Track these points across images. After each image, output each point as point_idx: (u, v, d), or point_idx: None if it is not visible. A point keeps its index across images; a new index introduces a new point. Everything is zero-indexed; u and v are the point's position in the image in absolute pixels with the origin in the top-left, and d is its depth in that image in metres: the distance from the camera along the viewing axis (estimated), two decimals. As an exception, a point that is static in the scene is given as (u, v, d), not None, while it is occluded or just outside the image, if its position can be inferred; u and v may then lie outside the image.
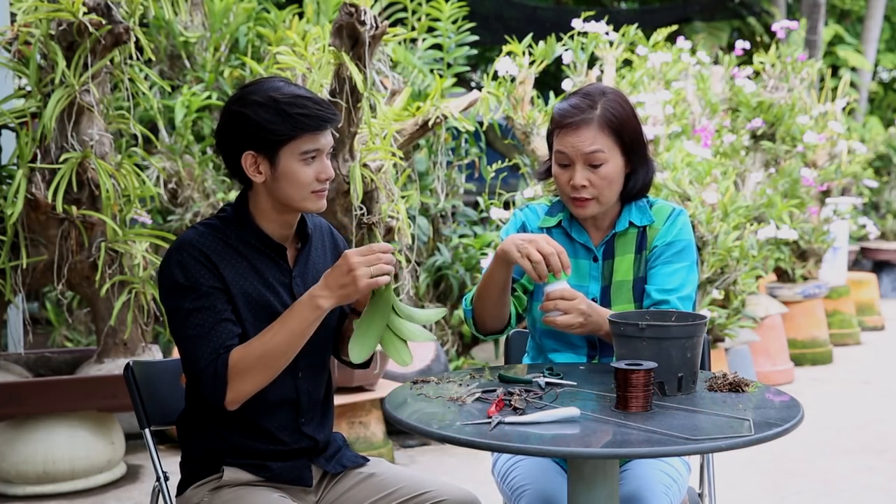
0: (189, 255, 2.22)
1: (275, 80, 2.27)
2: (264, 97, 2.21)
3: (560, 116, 2.51)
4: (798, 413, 2.09)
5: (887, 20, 14.70)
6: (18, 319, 5.05)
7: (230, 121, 2.25)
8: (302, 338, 2.20)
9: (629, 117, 2.52)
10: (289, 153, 2.22)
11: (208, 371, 2.17)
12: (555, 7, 12.55)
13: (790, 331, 7.25)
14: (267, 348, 2.17)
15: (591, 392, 2.24)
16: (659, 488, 2.38)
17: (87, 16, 4.07)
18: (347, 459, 2.43)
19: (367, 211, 4.49)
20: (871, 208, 11.34)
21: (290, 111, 2.19)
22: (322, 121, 2.22)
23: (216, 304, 2.21)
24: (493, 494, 2.61)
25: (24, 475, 4.29)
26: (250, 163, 2.24)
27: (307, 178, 2.23)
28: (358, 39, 4.18)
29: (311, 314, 2.18)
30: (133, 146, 4.75)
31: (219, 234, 2.28)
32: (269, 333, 2.19)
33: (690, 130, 6.25)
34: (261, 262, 2.29)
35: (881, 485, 4.67)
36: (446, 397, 2.22)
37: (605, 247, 2.58)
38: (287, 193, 2.25)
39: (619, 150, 2.51)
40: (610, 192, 2.52)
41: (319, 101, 2.24)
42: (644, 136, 2.57)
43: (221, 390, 2.17)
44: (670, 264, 2.55)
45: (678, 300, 2.51)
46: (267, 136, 2.20)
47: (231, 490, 2.27)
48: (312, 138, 2.22)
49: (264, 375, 2.19)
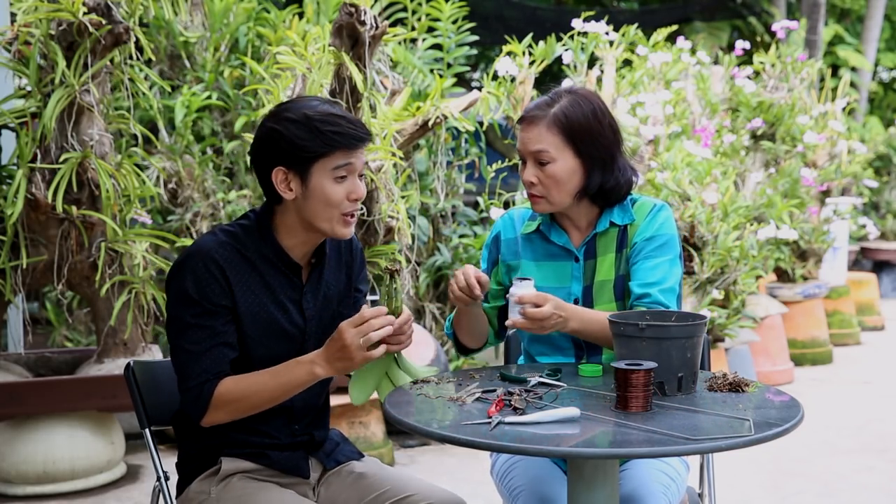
0: (205, 266, 2.22)
1: (310, 99, 2.28)
2: (297, 114, 2.22)
3: (524, 110, 2.54)
4: (798, 413, 2.10)
5: (887, 20, 14.70)
6: (18, 319, 5.04)
7: (263, 137, 2.26)
8: (288, 394, 2.23)
9: (587, 119, 2.47)
10: (321, 170, 2.22)
11: (193, 391, 2.21)
12: (555, 7, 12.56)
13: (790, 331, 7.25)
14: (253, 391, 2.21)
15: (591, 391, 2.24)
16: (657, 488, 2.38)
17: (87, 16, 4.07)
18: (342, 454, 2.44)
19: (368, 211, 4.49)
20: (871, 208, 11.34)
21: (322, 128, 2.20)
22: (354, 139, 2.22)
23: (217, 325, 2.22)
24: (493, 495, 2.61)
25: (24, 475, 4.29)
26: (281, 179, 2.24)
27: (338, 196, 2.23)
28: (358, 39, 4.18)
29: (305, 377, 2.20)
30: (133, 146, 4.75)
31: (238, 243, 2.27)
32: (261, 379, 2.21)
33: (690, 130, 6.25)
34: (274, 277, 2.29)
35: (881, 485, 4.67)
36: (446, 397, 2.22)
37: (587, 247, 2.57)
38: (316, 212, 2.24)
39: (570, 151, 2.48)
40: (558, 192, 2.49)
41: (353, 120, 2.24)
42: (608, 140, 2.51)
43: (200, 412, 2.22)
44: (651, 258, 2.52)
45: (660, 293, 2.49)
46: (299, 153, 2.21)
47: (239, 482, 2.29)
48: (345, 156, 2.22)
49: (242, 414, 2.24)
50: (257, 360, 2.27)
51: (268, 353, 2.28)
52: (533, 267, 2.59)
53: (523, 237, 2.63)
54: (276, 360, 2.26)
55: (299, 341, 2.32)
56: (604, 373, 2.41)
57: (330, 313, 2.38)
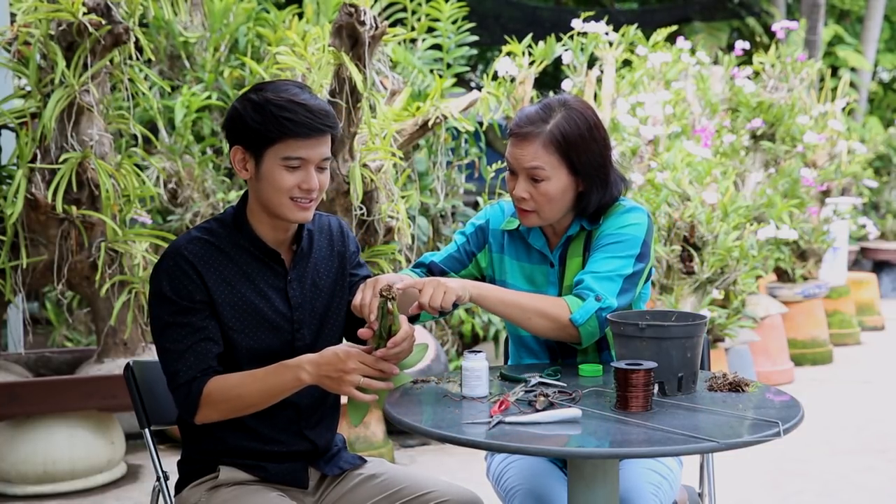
0: (176, 264, 2.22)
1: (286, 84, 2.24)
2: (261, 97, 2.20)
3: (514, 122, 2.47)
4: (798, 413, 2.10)
5: (887, 20, 14.69)
6: (18, 319, 5.04)
7: (229, 114, 2.26)
8: (273, 398, 2.21)
9: (582, 136, 2.42)
10: (272, 155, 2.20)
11: (182, 390, 2.21)
12: (555, 7, 12.55)
13: (790, 331, 7.25)
14: (240, 393, 2.20)
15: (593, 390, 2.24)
16: (647, 489, 2.37)
17: (87, 16, 4.07)
18: (345, 461, 2.42)
19: (367, 211, 4.49)
20: (871, 208, 11.34)
21: (277, 114, 2.17)
22: (308, 129, 2.18)
23: (195, 322, 2.21)
24: (494, 495, 2.61)
25: (24, 475, 4.29)
26: (239, 158, 2.25)
27: (286, 184, 2.20)
28: (358, 39, 4.18)
29: (291, 382, 2.18)
30: (133, 146, 4.75)
31: (213, 238, 2.27)
32: (248, 380, 2.20)
33: (690, 130, 6.25)
34: (253, 267, 2.28)
35: (881, 485, 4.67)
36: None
37: (561, 251, 2.54)
38: (266, 196, 2.23)
39: (565, 169, 2.42)
40: (550, 209, 2.45)
41: (313, 110, 2.19)
42: (603, 155, 2.46)
43: (191, 411, 2.22)
44: (604, 252, 2.46)
45: (594, 279, 2.41)
46: (253, 135, 2.20)
47: (228, 490, 2.28)
48: (297, 145, 2.19)
49: (232, 413, 2.23)
50: (245, 352, 2.25)
51: (255, 343, 2.26)
52: (515, 266, 2.57)
53: (506, 233, 2.60)
54: (266, 351, 2.25)
55: (288, 331, 2.30)
56: (604, 373, 2.41)
57: (323, 302, 2.35)
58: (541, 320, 2.40)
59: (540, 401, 2.11)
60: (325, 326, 2.36)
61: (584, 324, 2.39)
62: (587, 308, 2.38)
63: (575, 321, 2.38)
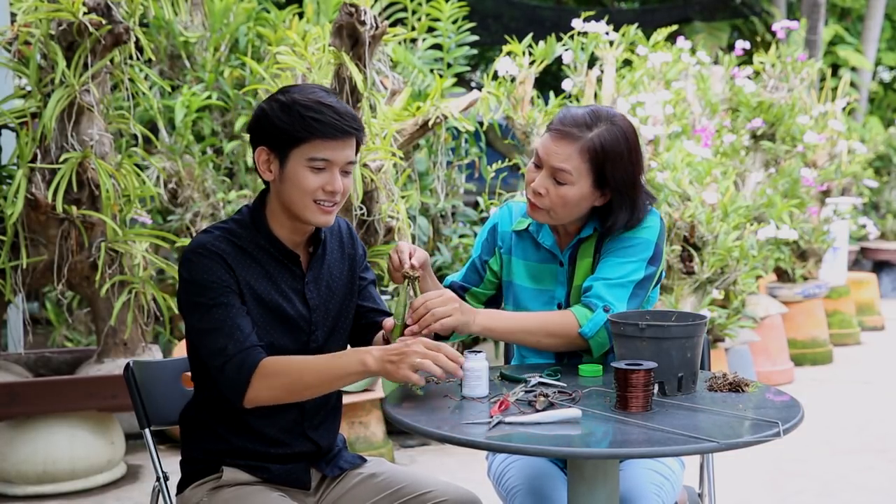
0: (208, 255, 2.21)
1: (313, 87, 2.27)
2: (288, 98, 2.21)
3: (558, 118, 2.46)
4: (798, 413, 2.10)
5: (888, 19, 14.68)
6: (18, 319, 5.05)
7: (254, 115, 2.27)
8: (335, 383, 2.19)
9: (620, 154, 2.41)
10: (298, 156, 2.21)
11: (235, 361, 2.16)
12: (555, 7, 12.55)
13: (790, 331, 7.25)
14: (301, 369, 2.17)
15: (593, 390, 2.24)
16: (650, 489, 2.37)
17: (87, 16, 4.07)
18: (345, 461, 2.42)
19: (368, 211, 4.49)
20: (871, 208, 11.34)
21: (304, 114, 2.18)
22: (334, 130, 2.19)
23: (236, 303, 2.21)
24: (494, 495, 2.61)
25: (24, 475, 4.29)
26: (263, 159, 2.25)
27: (311, 185, 2.21)
28: (358, 39, 4.18)
29: (355, 366, 2.15)
30: (133, 146, 4.75)
31: (233, 237, 2.27)
32: (309, 360, 2.18)
33: (690, 130, 6.25)
34: (274, 267, 2.29)
35: (881, 485, 4.67)
36: (446, 397, 2.22)
37: (571, 251, 2.54)
38: (290, 198, 2.23)
39: (591, 180, 2.42)
40: (563, 212, 2.45)
41: (339, 112, 2.20)
42: (635, 178, 2.45)
43: (243, 385, 2.15)
44: (615, 256, 2.47)
45: (604, 286, 2.43)
46: (279, 135, 2.20)
47: (230, 490, 2.28)
48: (323, 146, 2.20)
49: (285, 392, 2.18)
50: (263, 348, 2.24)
51: (274, 341, 2.25)
52: (521, 265, 2.58)
53: (514, 234, 2.61)
54: (281, 350, 2.25)
55: (306, 332, 2.31)
56: (604, 373, 2.41)
57: (336, 304, 2.36)
58: (550, 339, 2.44)
59: (540, 401, 2.11)
60: (336, 329, 2.37)
61: (593, 336, 2.41)
62: (596, 320, 2.40)
63: (584, 334, 2.41)
